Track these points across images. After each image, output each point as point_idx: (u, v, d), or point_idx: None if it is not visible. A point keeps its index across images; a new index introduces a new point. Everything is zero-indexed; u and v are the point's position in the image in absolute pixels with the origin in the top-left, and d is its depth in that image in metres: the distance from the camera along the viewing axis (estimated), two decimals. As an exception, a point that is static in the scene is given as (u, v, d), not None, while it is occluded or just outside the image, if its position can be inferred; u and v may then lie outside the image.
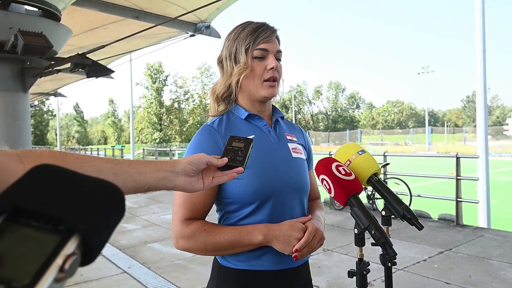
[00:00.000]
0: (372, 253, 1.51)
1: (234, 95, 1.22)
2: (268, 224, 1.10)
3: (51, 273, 0.30)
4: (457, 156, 6.18)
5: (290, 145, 1.24)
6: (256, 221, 1.12)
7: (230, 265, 1.14)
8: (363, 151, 1.16)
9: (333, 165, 1.07)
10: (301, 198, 1.21)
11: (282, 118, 1.32)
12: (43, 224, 0.33)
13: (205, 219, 1.16)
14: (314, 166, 1.17)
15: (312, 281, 1.27)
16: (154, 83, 53.14)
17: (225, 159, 0.81)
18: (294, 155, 1.22)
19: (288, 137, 1.26)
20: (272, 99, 1.25)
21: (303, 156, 1.27)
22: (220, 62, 1.24)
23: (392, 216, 1.09)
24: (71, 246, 0.33)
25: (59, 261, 0.31)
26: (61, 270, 0.31)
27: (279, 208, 1.13)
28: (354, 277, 1.04)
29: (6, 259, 0.31)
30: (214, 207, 1.21)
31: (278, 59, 1.20)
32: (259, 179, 1.11)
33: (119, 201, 0.38)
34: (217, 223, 1.19)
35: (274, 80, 1.18)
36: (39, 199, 0.35)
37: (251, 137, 0.91)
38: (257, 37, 1.16)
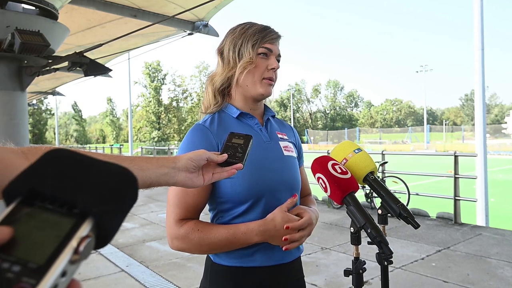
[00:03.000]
0: (370, 251, 1.51)
1: (231, 88, 1.23)
2: (262, 223, 1.10)
3: (66, 254, 0.31)
4: (455, 154, 6.18)
5: (282, 144, 1.25)
6: (249, 220, 1.12)
7: (223, 262, 1.15)
8: (359, 149, 1.16)
9: (329, 164, 1.07)
10: None
11: (273, 117, 1.33)
12: (58, 207, 0.34)
13: (199, 218, 1.17)
14: (310, 164, 1.17)
15: (310, 280, 1.28)
16: (153, 81, 53.03)
17: (225, 155, 0.82)
18: (285, 153, 1.23)
19: (279, 136, 1.28)
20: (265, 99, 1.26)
21: (294, 154, 1.28)
22: (221, 53, 1.23)
23: (389, 214, 1.08)
24: (85, 229, 0.33)
25: (73, 243, 0.32)
26: (76, 252, 0.32)
27: (272, 206, 1.14)
28: (350, 276, 1.04)
29: (21, 241, 0.31)
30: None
31: (278, 61, 1.23)
32: (252, 178, 1.11)
33: (132, 185, 0.39)
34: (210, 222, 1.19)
35: (271, 80, 1.20)
36: (53, 182, 0.35)
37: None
38: (265, 36, 1.19)
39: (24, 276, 0.29)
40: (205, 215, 1.18)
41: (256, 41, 1.17)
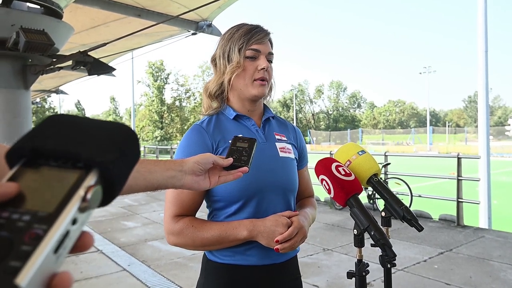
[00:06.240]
0: (372, 253, 1.51)
1: (226, 93, 1.25)
2: (253, 220, 1.12)
3: (75, 202, 0.32)
4: (459, 156, 6.16)
5: (278, 145, 1.26)
6: (241, 219, 1.14)
7: (217, 259, 1.17)
8: (363, 151, 1.16)
9: (333, 165, 1.07)
10: (287, 197, 1.22)
11: (273, 117, 1.34)
12: (62, 163, 0.35)
13: (195, 216, 1.19)
14: (314, 166, 1.17)
15: (312, 281, 1.28)
16: (156, 81, 53.08)
17: (231, 159, 0.84)
18: (281, 154, 1.24)
19: (277, 137, 1.28)
20: (262, 99, 1.27)
21: (292, 156, 1.28)
22: (213, 60, 1.28)
23: (392, 217, 1.08)
24: (91, 179, 0.34)
25: (81, 192, 0.33)
26: (84, 200, 0.33)
27: (264, 206, 1.15)
28: (353, 278, 1.04)
29: (28, 195, 0.32)
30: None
31: (270, 61, 1.23)
32: (244, 178, 1.11)
33: (131, 137, 0.40)
34: (206, 219, 1.22)
35: (263, 80, 1.21)
36: (55, 140, 0.36)
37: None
38: (250, 38, 1.19)
39: (35, 223, 0.30)
40: (204, 213, 1.19)
41: (242, 45, 1.18)
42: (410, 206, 6.20)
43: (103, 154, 0.36)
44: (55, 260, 0.30)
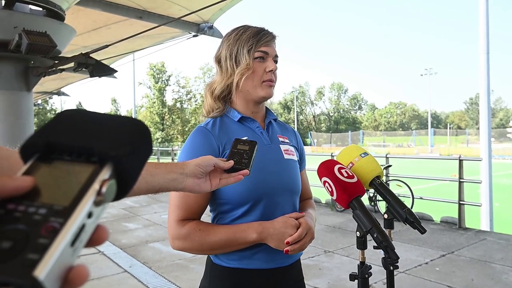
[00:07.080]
0: (374, 255, 1.51)
1: (232, 95, 1.25)
2: (262, 222, 1.12)
3: (90, 196, 0.32)
4: (460, 158, 6.15)
5: (282, 147, 1.26)
6: (248, 221, 1.14)
7: (222, 263, 1.16)
8: (365, 153, 1.16)
9: (336, 168, 1.07)
10: (293, 199, 1.23)
11: (275, 120, 1.34)
12: (76, 157, 0.35)
13: (200, 219, 1.18)
14: (316, 167, 1.17)
15: (313, 283, 1.28)
16: (157, 83, 53.15)
17: (231, 162, 0.84)
18: (286, 156, 1.24)
19: (281, 139, 1.28)
20: (267, 101, 1.27)
21: (295, 158, 1.28)
22: (218, 61, 1.26)
23: (395, 219, 1.08)
24: (105, 173, 0.34)
25: (96, 185, 0.33)
26: (99, 193, 0.33)
27: (271, 208, 1.15)
28: (356, 280, 1.04)
29: (44, 189, 0.33)
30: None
31: (275, 62, 1.24)
32: (251, 180, 1.10)
33: (144, 131, 0.40)
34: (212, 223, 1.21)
35: (271, 81, 1.22)
36: (69, 134, 0.37)
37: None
38: (259, 39, 1.19)
39: (51, 217, 0.30)
40: (207, 216, 1.19)
41: (251, 46, 1.18)
42: (411, 208, 6.19)
43: (117, 148, 0.36)
44: (72, 253, 0.30)
